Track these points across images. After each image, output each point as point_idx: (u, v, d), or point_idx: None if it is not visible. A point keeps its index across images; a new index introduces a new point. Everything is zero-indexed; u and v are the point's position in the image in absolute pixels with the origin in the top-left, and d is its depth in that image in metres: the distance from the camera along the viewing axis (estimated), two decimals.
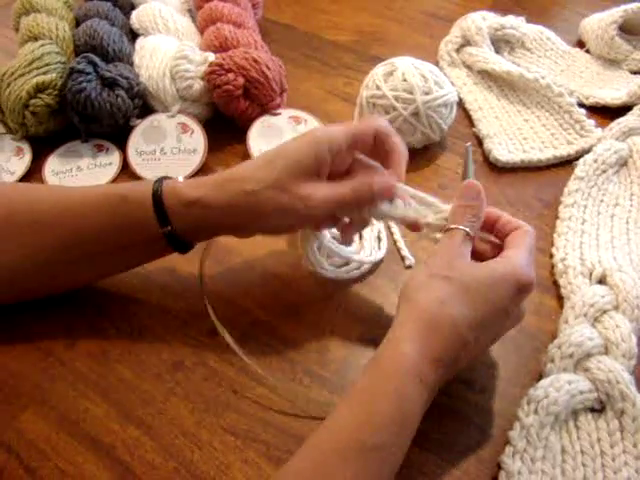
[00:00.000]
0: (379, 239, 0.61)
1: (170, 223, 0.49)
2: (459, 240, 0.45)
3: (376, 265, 0.59)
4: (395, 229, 0.63)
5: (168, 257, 0.56)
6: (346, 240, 0.55)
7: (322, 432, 0.40)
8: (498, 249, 0.47)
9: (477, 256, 0.47)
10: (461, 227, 0.46)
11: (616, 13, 0.82)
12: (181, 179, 0.52)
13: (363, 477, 0.38)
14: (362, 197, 0.49)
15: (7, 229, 0.51)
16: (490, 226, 0.49)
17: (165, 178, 0.51)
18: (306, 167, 0.48)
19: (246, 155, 0.72)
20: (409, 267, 0.60)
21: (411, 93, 0.66)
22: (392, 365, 0.41)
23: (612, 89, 0.79)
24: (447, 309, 0.42)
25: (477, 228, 0.47)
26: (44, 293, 0.55)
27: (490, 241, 0.49)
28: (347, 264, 0.58)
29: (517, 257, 0.44)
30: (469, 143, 0.48)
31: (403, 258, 0.60)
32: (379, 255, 0.59)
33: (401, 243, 0.61)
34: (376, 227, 0.62)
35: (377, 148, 0.51)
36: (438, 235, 0.48)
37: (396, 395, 0.40)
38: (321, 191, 0.48)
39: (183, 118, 0.73)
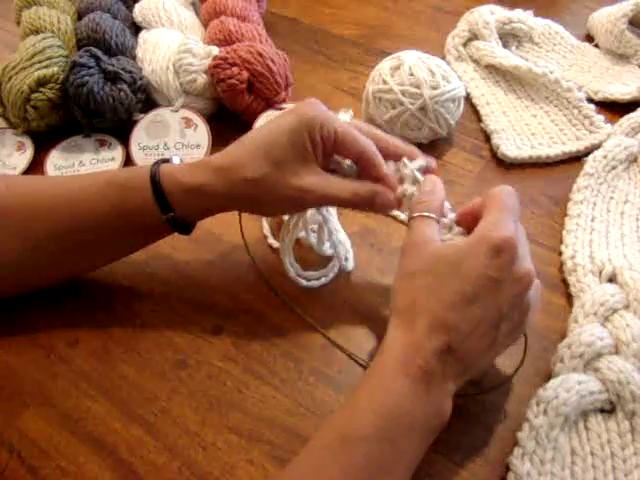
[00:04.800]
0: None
1: (172, 209, 0.49)
2: (421, 227, 0.45)
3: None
4: None
5: (172, 254, 0.56)
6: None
7: (315, 435, 0.41)
8: None
9: None
10: (416, 214, 0.45)
11: (626, 6, 0.80)
12: (177, 160, 0.52)
13: (355, 471, 0.37)
14: (361, 204, 0.50)
15: (4, 220, 0.50)
16: (471, 222, 0.46)
17: (161, 162, 0.51)
18: (300, 152, 0.48)
19: None
20: None
21: (418, 87, 0.65)
22: (378, 364, 0.42)
23: (621, 84, 0.78)
24: (421, 303, 0.41)
25: (438, 207, 0.46)
26: (44, 283, 0.55)
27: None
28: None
29: (485, 222, 0.43)
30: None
31: None
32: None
33: None
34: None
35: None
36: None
37: (379, 390, 0.40)
38: (321, 185, 0.48)
39: (187, 112, 0.73)
